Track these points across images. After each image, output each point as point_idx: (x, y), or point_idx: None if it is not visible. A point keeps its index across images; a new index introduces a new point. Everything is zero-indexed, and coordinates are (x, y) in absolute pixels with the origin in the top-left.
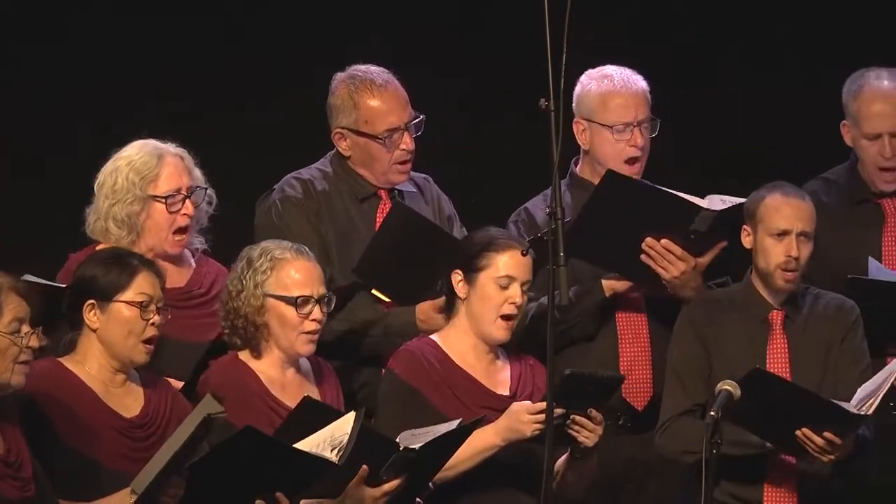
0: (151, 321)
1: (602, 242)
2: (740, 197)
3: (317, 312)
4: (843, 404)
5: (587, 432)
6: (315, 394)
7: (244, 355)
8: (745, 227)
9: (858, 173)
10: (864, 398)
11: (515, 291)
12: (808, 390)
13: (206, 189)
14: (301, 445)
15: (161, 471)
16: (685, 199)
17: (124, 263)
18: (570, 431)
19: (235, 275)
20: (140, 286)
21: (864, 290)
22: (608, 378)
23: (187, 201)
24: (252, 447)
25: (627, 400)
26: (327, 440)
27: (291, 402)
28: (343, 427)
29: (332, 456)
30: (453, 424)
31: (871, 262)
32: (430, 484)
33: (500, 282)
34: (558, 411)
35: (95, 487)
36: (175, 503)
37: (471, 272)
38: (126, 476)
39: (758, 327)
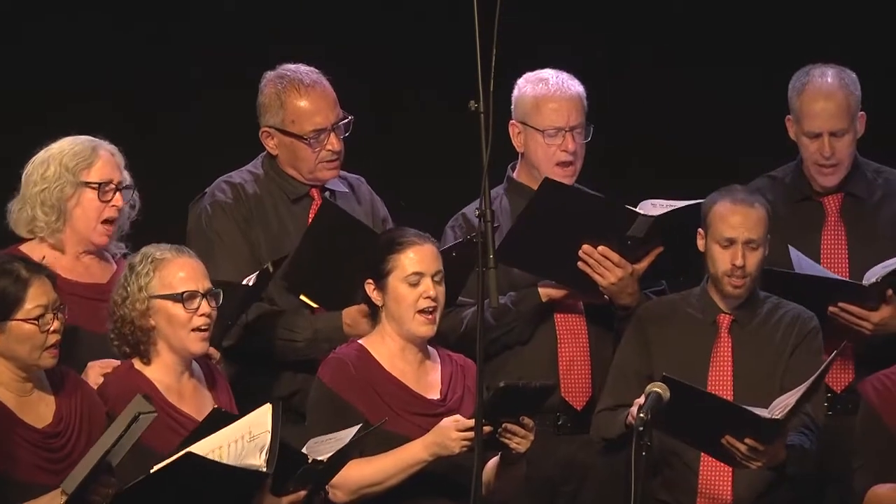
0: (52, 329)
1: (539, 250)
2: (677, 200)
3: (205, 306)
4: (757, 410)
5: (519, 439)
6: (209, 399)
7: (139, 364)
8: (699, 230)
9: (803, 171)
10: (780, 403)
11: (427, 285)
12: (717, 396)
13: (133, 191)
14: (218, 438)
15: (91, 470)
16: (622, 205)
17: (14, 276)
18: (501, 439)
19: (119, 284)
20: (35, 298)
21: (778, 281)
22: (541, 388)
23: (117, 194)
24: (192, 472)
25: (567, 400)
26: (245, 436)
27: (189, 409)
28: (261, 422)
29: (261, 460)
30: (354, 430)
31: (792, 250)
32: (327, 487)
33: (410, 280)
34: (487, 428)
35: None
36: (106, 503)
37: (380, 278)
38: (46, 488)
39: (706, 330)
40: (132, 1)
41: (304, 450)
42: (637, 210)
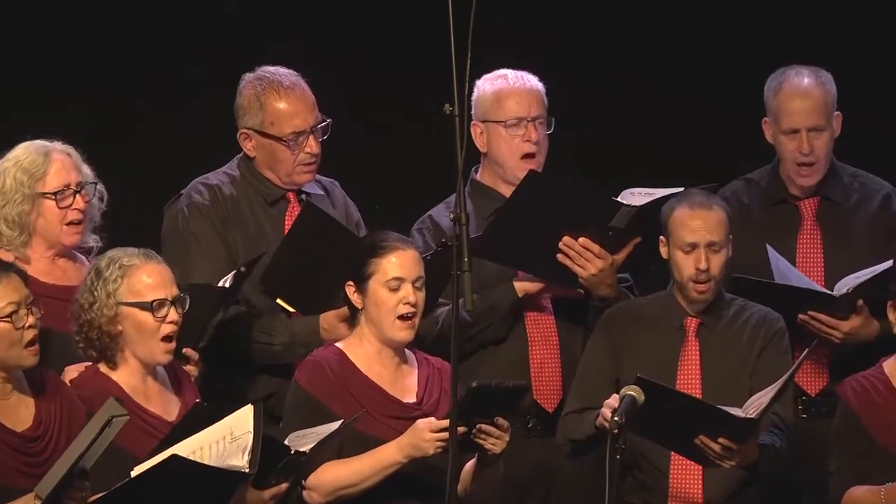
0: (28, 325)
1: (520, 244)
2: (657, 189)
3: (173, 314)
4: (730, 409)
5: (494, 439)
6: (175, 401)
7: (104, 367)
8: (661, 237)
9: (779, 174)
10: (754, 402)
11: (407, 291)
12: (691, 396)
13: (96, 184)
14: (199, 439)
15: (65, 475)
16: (606, 195)
17: None
18: (476, 440)
19: (85, 287)
20: (5, 296)
21: (749, 289)
22: (515, 387)
23: (77, 196)
24: (176, 474)
25: (538, 401)
26: (227, 437)
27: (156, 410)
28: (243, 423)
29: (244, 461)
30: (336, 424)
31: (770, 250)
32: (303, 492)
33: (391, 284)
34: (461, 429)
35: None
36: None
37: (361, 281)
38: (25, 492)
39: (673, 334)
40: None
41: (286, 442)
42: (620, 200)
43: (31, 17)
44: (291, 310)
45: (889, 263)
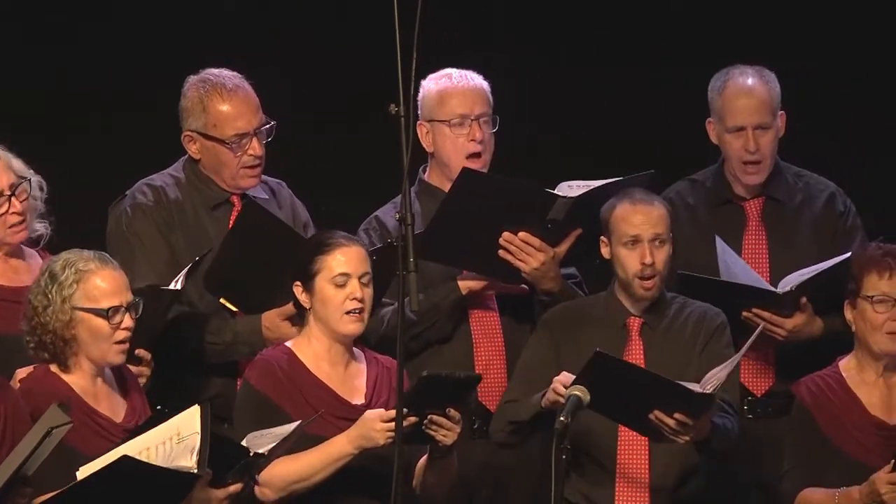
0: None
1: (460, 243)
2: (593, 180)
3: (127, 320)
4: (687, 384)
5: (445, 431)
6: (122, 404)
7: (55, 368)
8: (601, 238)
9: (724, 175)
10: (710, 378)
11: (354, 287)
12: (650, 371)
13: (31, 179)
14: (145, 439)
15: (5, 483)
16: (541, 189)
17: None
18: (428, 431)
19: (39, 289)
20: None
21: (693, 286)
22: (465, 377)
23: (13, 199)
24: (126, 474)
25: (483, 402)
26: (174, 438)
27: (105, 411)
28: (189, 424)
29: (192, 462)
30: (293, 425)
31: (718, 242)
32: (256, 476)
33: (337, 281)
34: (411, 419)
35: None
36: None
37: (307, 280)
38: None
39: (616, 333)
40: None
41: (243, 443)
42: (556, 192)
43: None
44: (234, 309)
45: (831, 262)
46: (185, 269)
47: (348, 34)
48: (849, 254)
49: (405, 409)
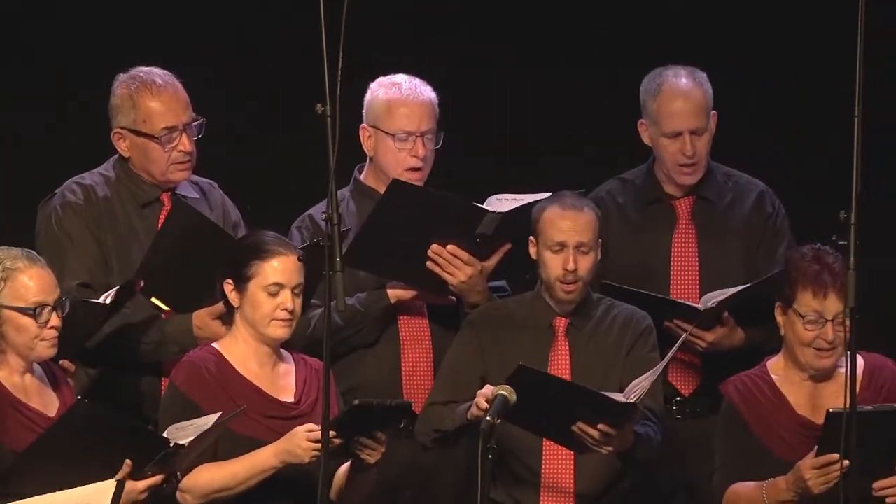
0: None
1: (387, 253)
2: (522, 194)
3: (54, 319)
4: (611, 394)
5: (370, 451)
6: (53, 396)
7: None
8: (530, 238)
9: (654, 174)
10: (634, 388)
11: (286, 297)
12: (574, 383)
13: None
14: (53, 499)
15: None
16: (470, 203)
17: None
18: (353, 450)
19: None
20: None
21: (616, 296)
22: (395, 405)
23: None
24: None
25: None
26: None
27: (36, 405)
28: (101, 498)
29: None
30: (214, 417)
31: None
32: (178, 474)
33: (270, 289)
34: (339, 441)
35: None
36: None
37: (241, 281)
38: None
39: (542, 334)
40: None
41: (164, 435)
42: (485, 207)
43: None
44: (166, 308)
45: (753, 283)
46: (117, 289)
47: (280, 33)
48: (770, 275)
49: (333, 433)
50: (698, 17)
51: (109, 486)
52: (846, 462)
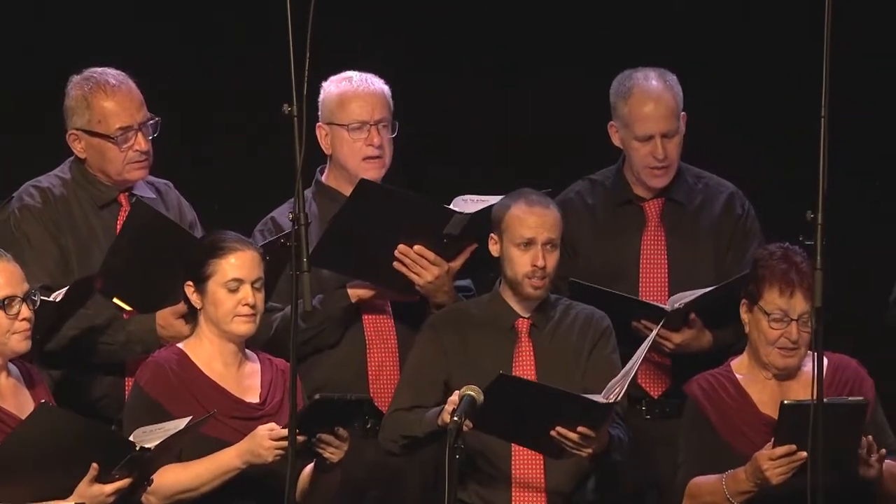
0: None
1: (353, 252)
2: (487, 195)
3: (25, 311)
4: (591, 396)
5: (333, 449)
6: (29, 397)
7: None
8: (492, 235)
9: (624, 175)
10: (612, 388)
11: (246, 292)
12: (555, 387)
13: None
14: None
15: None
16: (437, 204)
17: None
18: (315, 449)
19: None
20: None
21: (583, 294)
22: (356, 400)
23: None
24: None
25: (375, 404)
26: None
27: (10, 407)
28: None
29: None
30: (184, 422)
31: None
32: (151, 477)
33: (229, 286)
34: (301, 438)
35: None
36: None
37: (200, 281)
38: None
39: (505, 335)
40: None
41: (131, 438)
42: (451, 207)
43: None
44: (128, 308)
45: (720, 284)
46: (67, 288)
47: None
48: (738, 276)
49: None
50: (667, 18)
51: None
52: (803, 454)
